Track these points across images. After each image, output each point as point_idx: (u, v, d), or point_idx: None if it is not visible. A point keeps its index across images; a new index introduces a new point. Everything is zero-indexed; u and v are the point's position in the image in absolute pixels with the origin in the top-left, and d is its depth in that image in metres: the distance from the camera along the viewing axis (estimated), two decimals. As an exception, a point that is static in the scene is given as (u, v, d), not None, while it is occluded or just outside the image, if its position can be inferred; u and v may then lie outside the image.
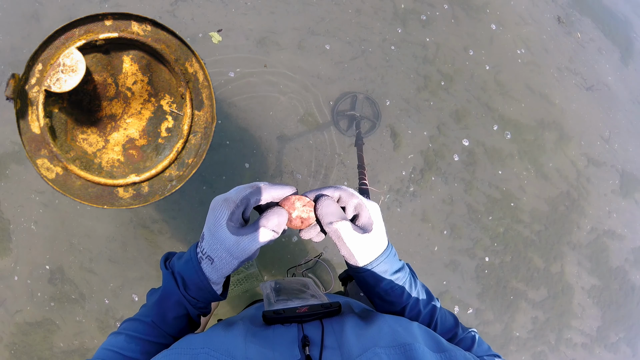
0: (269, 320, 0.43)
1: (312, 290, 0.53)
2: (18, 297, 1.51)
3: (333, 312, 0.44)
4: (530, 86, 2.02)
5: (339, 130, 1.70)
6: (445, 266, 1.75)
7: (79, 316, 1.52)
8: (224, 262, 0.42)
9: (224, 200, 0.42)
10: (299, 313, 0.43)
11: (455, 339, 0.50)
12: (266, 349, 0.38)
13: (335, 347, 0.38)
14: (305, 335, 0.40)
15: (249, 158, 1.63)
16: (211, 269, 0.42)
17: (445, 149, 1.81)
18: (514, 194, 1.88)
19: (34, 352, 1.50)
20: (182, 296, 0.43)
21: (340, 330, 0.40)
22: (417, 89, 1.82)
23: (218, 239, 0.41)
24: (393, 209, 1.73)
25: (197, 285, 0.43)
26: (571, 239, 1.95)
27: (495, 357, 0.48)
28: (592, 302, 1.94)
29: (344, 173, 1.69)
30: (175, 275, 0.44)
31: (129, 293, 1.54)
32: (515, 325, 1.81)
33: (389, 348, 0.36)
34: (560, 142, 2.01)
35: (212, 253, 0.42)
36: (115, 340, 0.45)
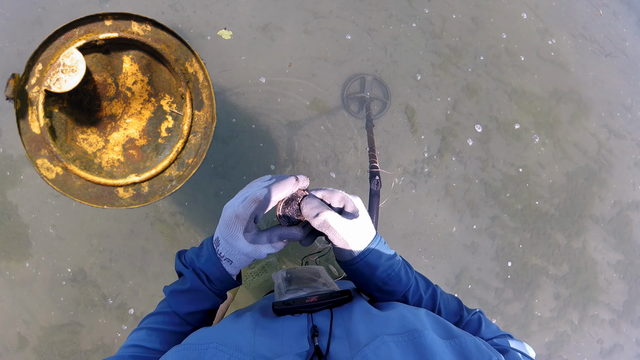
0: (278, 312, 0.43)
1: (324, 279, 0.53)
2: (42, 303, 1.54)
3: (343, 300, 0.44)
4: (543, 56, 1.94)
5: (350, 114, 1.67)
6: (464, 247, 1.72)
7: (101, 317, 1.54)
8: (242, 262, 0.47)
9: (235, 217, 0.45)
10: (309, 303, 0.43)
11: (462, 323, 0.50)
12: (275, 340, 0.38)
13: (344, 336, 0.38)
14: (315, 325, 0.40)
15: (260, 147, 1.62)
16: (231, 267, 0.47)
17: (459, 127, 1.76)
18: (531, 169, 1.82)
19: (59, 353, 1.54)
20: (208, 290, 0.47)
21: (349, 319, 0.40)
22: (426, 66, 1.77)
23: (236, 247, 0.45)
24: (408, 191, 1.69)
25: (220, 279, 0.47)
26: (593, 212, 1.89)
27: (506, 336, 0.46)
28: (618, 277, 1.89)
29: (356, 157, 1.66)
30: (198, 273, 0.47)
31: (149, 289, 1.56)
32: (536, 303, 1.77)
33: (397, 335, 0.35)
34: (578, 113, 1.94)
35: (230, 257, 0.46)
36: (136, 335, 0.47)
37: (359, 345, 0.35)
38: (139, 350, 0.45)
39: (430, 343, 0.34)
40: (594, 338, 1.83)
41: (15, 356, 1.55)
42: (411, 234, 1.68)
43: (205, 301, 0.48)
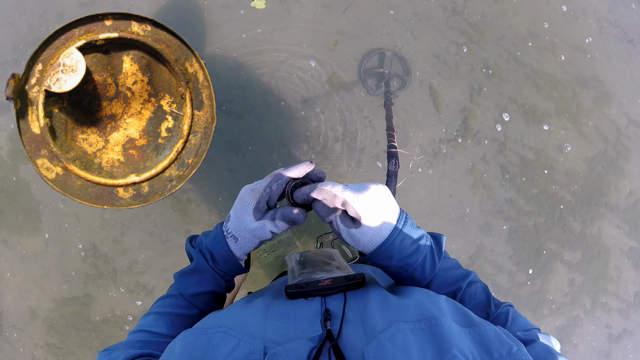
0: (291, 295, 0.42)
1: (338, 262, 0.52)
2: (52, 278, 1.54)
3: (357, 284, 0.43)
4: (566, 39, 1.89)
5: (367, 90, 1.63)
6: (478, 228, 1.70)
7: (111, 290, 1.54)
8: (246, 241, 0.46)
9: (251, 190, 0.47)
10: (322, 286, 0.42)
11: (489, 319, 0.47)
12: (287, 324, 0.37)
13: (359, 321, 0.37)
14: (328, 309, 0.39)
15: (274, 123, 1.58)
16: (235, 246, 0.47)
17: (479, 108, 1.72)
18: (549, 153, 1.79)
19: (70, 325, 1.54)
20: (212, 270, 0.47)
21: (364, 304, 0.39)
22: (447, 43, 1.72)
23: (243, 222, 0.46)
24: (424, 171, 1.67)
25: (224, 258, 0.47)
26: (609, 200, 1.86)
27: (534, 330, 0.44)
28: (631, 265, 1.87)
29: (372, 135, 1.63)
30: (203, 252, 0.48)
31: (160, 263, 1.55)
32: (549, 287, 1.76)
33: (414, 323, 0.34)
34: (599, 99, 1.89)
35: (236, 233, 0.46)
36: (144, 321, 0.48)
37: (374, 332, 0.34)
38: (147, 335, 0.46)
39: (447, 331, 0.32)
40: (603, 323, 1.83)
41: (26, 329, 1.55)
42: (425, 214, 1.66)
43: (209, 282, 0.48)
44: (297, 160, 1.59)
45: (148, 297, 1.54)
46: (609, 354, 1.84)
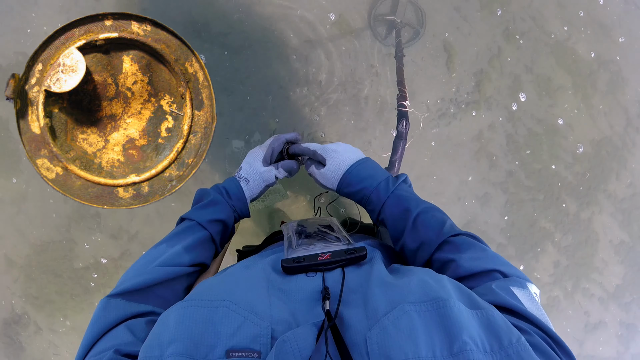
0: (288, 270, 0.40)
1: (337, 232, 0.51)
2: (32, 219, 1.44)
3: (358, 257, 0.42)
4: (593, 15, 1.78)
5: (376, 37, 1.51)
6: (476, 197, 1.65)
7: (95, 234, 1.46)
8: (256, 182, 0.59)
9: (260, 146, 0.62)
10: (321, 261, 0.40)
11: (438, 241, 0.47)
12: (289, 304, 0.35)
13: (360, 304, 0.34)
14: (327, 287, 0.37)
15: (274, 63, 1.46)
16: (247, 187, 0.58)
17: (494, 71, 1.63)
18: (558, 130, 1.72)
19: (49, 271, 1.47)
20: (226, 202, 0.56)
21: (366, 285, 0.37)
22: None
23: (254, 167, 0.59)
24: (427, 130, 1.58)
25: (237, 195, 0.57)
26: (607, 187, 1.82)
27: (525, 281, 0.40)
28: (618, 260, 1.86)
29: (377, 85, 1.52)
30: (219, 189, 0.57)
31: (144, 209, 1.46)
32: (537, 265, 1.74)
33: (420, 304, 0.32)
34: (614, 83, 1.81)
35: (248, 176, 0.59)
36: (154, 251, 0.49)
37: (376, 315, 0.32)
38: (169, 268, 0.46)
39: (457, 314, 0.30)
40: (582, 309, 1.83)
41: (2, 276, 1.45)
42: (425, 176, 1.59)
43: (223, 212, 0.55)
44: (295, 106, 1.49)
45: (131, 242, 1.47)
46: (583, 343, 1.85)
